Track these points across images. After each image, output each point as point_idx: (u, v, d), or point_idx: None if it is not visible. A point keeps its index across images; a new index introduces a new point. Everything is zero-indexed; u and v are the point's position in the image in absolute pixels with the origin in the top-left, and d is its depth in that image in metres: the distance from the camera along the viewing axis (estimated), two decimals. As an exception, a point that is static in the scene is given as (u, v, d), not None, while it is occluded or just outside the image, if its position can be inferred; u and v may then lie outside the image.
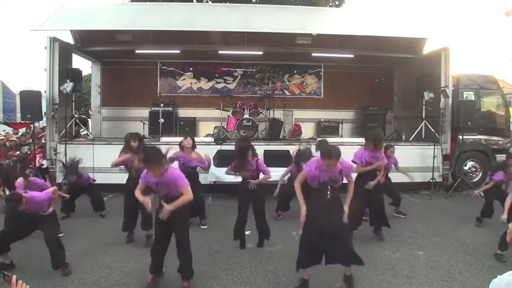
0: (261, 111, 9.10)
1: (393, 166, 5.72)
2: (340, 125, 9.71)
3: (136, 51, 9.55)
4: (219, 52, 9.77)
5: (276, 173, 6.81)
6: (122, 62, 10.07)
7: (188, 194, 3.12)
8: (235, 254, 4.19)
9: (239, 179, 4.52)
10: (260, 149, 7.45)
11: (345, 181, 3.43)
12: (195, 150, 5.26)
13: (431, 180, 7.55)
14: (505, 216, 4.19)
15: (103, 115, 10.23)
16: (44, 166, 7.61)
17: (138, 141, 4.74)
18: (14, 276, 1.59)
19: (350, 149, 7.49)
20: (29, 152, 8.44)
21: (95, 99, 10.33)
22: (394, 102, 10.55)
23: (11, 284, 1.58)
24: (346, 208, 3.33)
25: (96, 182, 6.08)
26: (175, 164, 4.81)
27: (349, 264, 3.29)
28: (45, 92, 7.44)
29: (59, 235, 4.08)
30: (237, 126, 8.41)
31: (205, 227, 5.24)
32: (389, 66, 10.44)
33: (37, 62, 27.60)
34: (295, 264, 3.30)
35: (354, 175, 3.73)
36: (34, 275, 3.53)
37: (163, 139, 7.80)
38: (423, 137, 8.24)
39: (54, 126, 7.44)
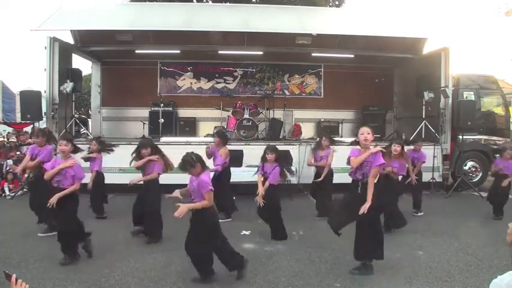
0: (261, 111, 9.09)
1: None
2: (340, 125, 9.71)
3: (136, 51, 9.55)
4: (219, 52, 9.77)
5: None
6: (122, 62, 10.06)
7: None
8: (235, 254, 4.18)
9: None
10: (260, 149, 7.45)
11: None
12: None
13: (431, 180, 7.54)
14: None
15: (103, 115, 10.22)
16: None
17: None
18: (14, 275, 1.59)
19: (350, 149, 7.58)
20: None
21: (95, 99, 10.32)
22: (394, 102, 10.54)
23: (10, 283, 1.58)
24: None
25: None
26: None
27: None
28: (45, 92, 7.44)
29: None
30: (237, 126, 8.41)
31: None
32: (389, 66, 10.43)
33: (37, 62, 27.61)
34: None
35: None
36: (34, 274, 3.52)
37: (163, 139, 7.80)
38: (423, 137, 8.22)
39: (54, 126, 7.42)
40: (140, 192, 4.69)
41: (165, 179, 4.75)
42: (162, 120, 8.83)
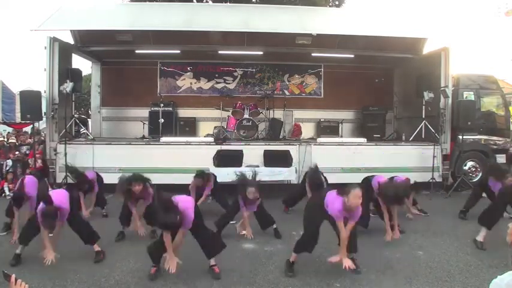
0: (261, 111, 9.09)
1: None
2: (340, 125, 9.71)
3: (136, 51, 9.53)
4: (219, 52, 9.75)
5: (279, 174, 6.93)
6: (122, 62, 10.05)
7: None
8: (235, 254, 4.19)
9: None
10: (260, 149, 7.48)
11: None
12: None
13: (431, 180, 7.54)
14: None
15: (103, 115, 10.21)
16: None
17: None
18: (13, 275, 1.59)
19: (350, 149, 7.61)
20: (27, 152, 8.45)
21: (95, 99, 10.31)
22: (394, 102, 10.54)
23: (9, 283, 1.58)
24: None
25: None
26: None
27: None
28: (45, 92, 7.43)
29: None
30: (237, 126, 8.41)
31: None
32: (389, 66, 10.42)
33: (37, 62, 27.53)
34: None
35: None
36: (34, 274, 3.52)
37: (163, 139, 7.82)
38: (423, 137, 8.23)
39: (54, 126, 7.42)
40: None
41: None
42: (162, 120, 8.82)
